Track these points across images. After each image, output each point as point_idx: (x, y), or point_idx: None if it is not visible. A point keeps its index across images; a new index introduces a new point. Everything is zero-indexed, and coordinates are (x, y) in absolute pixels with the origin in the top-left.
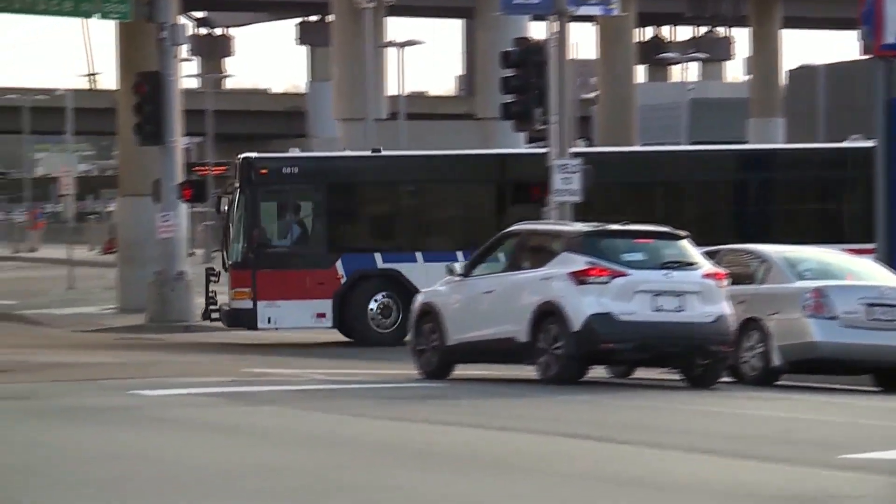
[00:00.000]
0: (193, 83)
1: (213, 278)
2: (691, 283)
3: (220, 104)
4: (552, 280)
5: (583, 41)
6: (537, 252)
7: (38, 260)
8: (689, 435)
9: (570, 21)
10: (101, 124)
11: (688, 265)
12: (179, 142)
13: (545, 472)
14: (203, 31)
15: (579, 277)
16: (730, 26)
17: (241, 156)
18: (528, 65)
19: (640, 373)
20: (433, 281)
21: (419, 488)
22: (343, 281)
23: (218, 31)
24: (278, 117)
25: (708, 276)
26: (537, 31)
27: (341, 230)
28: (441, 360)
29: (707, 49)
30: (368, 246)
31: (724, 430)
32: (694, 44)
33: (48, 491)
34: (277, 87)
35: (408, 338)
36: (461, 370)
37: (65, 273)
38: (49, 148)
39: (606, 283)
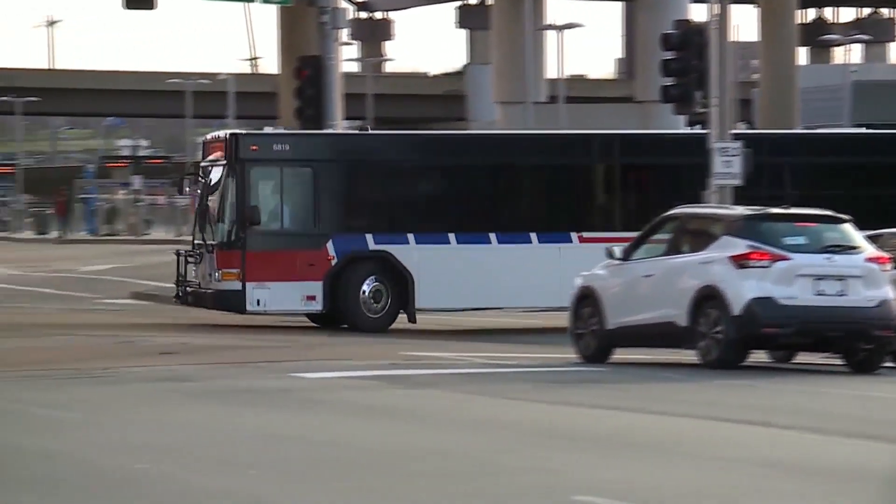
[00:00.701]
0: (353, 67)
1: (191, 259)
2: (854, 267)
3: (379, 88)
4: (712, 264)
5: (744, 23)
6: (697, 236)
7: None
8: (850, 420)
9: (732, 3)
10: (262, 108)
11: (850, 249)
12: (340, 125)
13: (705, 457)
14: (363, 14)
15: (740, 261)
16: (894, 7)
17: (230, 132)
18: (689, 47)
19: (802, 358)
20: (425, 264)
21: (578, 471)
22: (334, 262)
23: (378, 15)
24: (437, 101)
25: (871, 259)
26: (698, 13)
27: (332, 210)
28: (600, 343)
29: (870, 31)
30: (360, 226)
31: (887, 416)
32: (857, 25)
33: (210, 472)
34: (437, 71)
35: (568, 323)
36: (620, 354)
37: None
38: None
39: (767, 267)
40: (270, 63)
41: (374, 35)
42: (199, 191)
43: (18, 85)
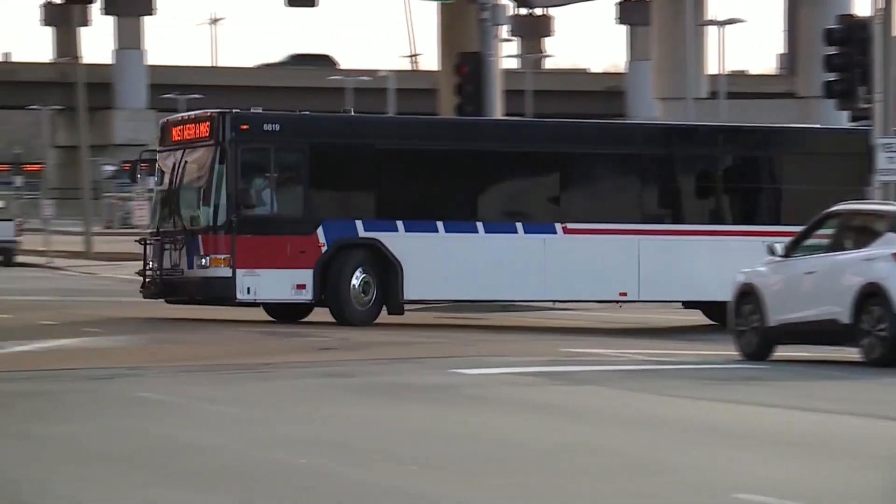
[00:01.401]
0: (513, 63)
1: (169, 246)
2: None
3: (539, 84)
4: (876, 261)
5: None
6: (860, 232)
7: None
8: None
9: None
10: (421, 105)
11: None
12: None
13: (869, 456)
14: (523, 11)
15: None
16: None
17: (216, 111)
18: (852, 42)
19: None
20: (414, 252)
21: (739, 469)
22: (324, 250)
23: (538, 12)
24: (597, 97)
25: None
26: (861, 7)
27: (322, 194)
28: (761, 341)
29: None
30: (350, 212)
31: None
32: None
33: (370, 467)
34: (597, 67)
35: (729, 321)
36: (781, 351)
37: None
38: None
39: None
40: (430, 60)
41: (534, 31)
42: (167, 175)
43: (182, 82)
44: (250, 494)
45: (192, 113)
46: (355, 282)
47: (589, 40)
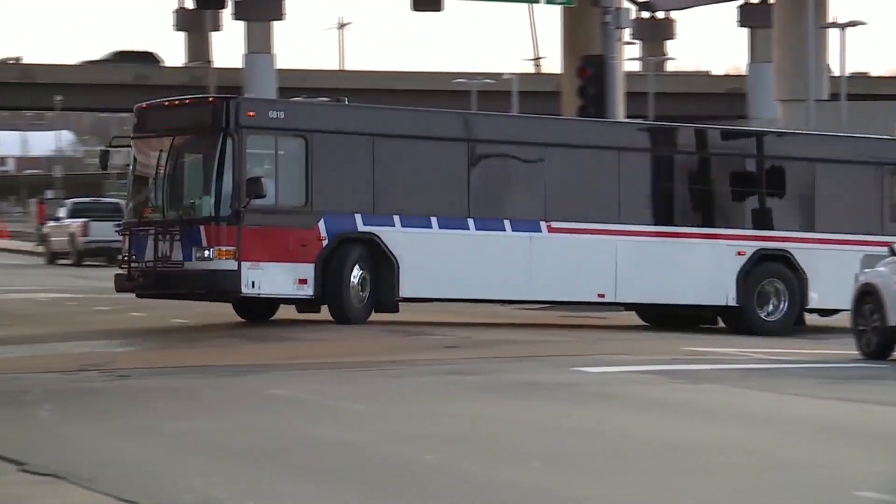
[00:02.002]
0: (635, 66)
1: (161, 237)
2: None
3: (661, 87)
4: None
5: None
6: None
7: None
8: None
9: None
10: (544, 107)
11: None
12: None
13: None
14: (645, 14)
15: None
16: None
17: (220, 96)
18: None
19: None
20: (410, 248)
21: (859, 467)
22: (325, 243)
23: (660, 15)
24: (719, 99)
25: None
26: None
27: (324, 185)
28: (881, 340)
29: None
30: (350, 205)
31: None
32: None
33: (493, 464)
34: (718, 70)
35: (850, 320)
36: None
37: None
38: None
39: None
40: (553, 63)
41: (655, 34)
42: (151, 162)
43: (310, 85)
44: (378, 489)
45: (181, 98)
46: (354, 278)
47: (710, 43)
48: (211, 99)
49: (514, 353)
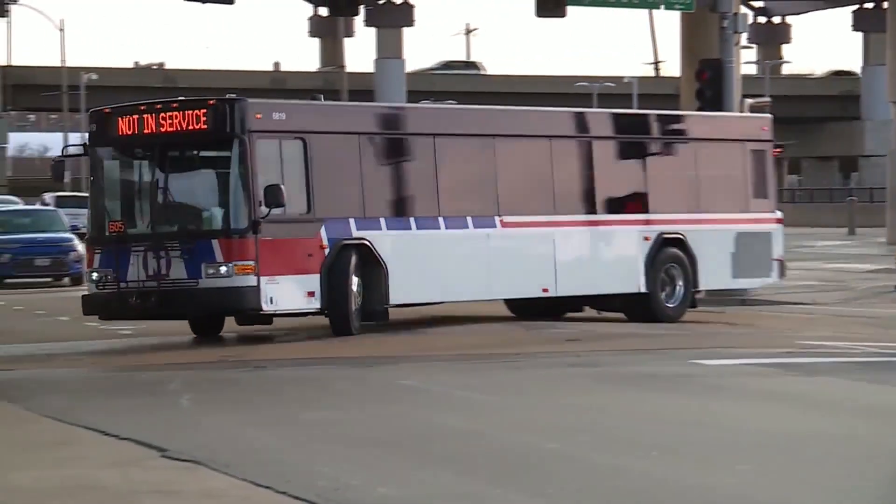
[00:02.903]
0: (752, 69)
1: (157, 254)
2: None
3: (777, 89)
4: None
5: None
6: None
7: None
8: None
9: None
10: (664, 109)
11: None
12: None
13: None
14: (762, 19)
15: None
16: None
17: (224, 97)
18: None
19: None
20: (397, 253)
21: None
22: (327, 252)
23: (776, 20)
24: (834, 101)
25: None
26: None
27: (323, 190)
28: None
29: None
30: (344, 210)
31: None
32: None
33: (613, 452)
34: (830, 71)
35: None
36: None
37: None
38: None
39: None
40: (672, 66)
41: (772, 38)
42: (130, 173)
43: (438, 89)
44: (504, 476)
45: (168, 100)
46: (354, 286)
47: (826, 47)
48: (212, 101)
49: (633, 345)
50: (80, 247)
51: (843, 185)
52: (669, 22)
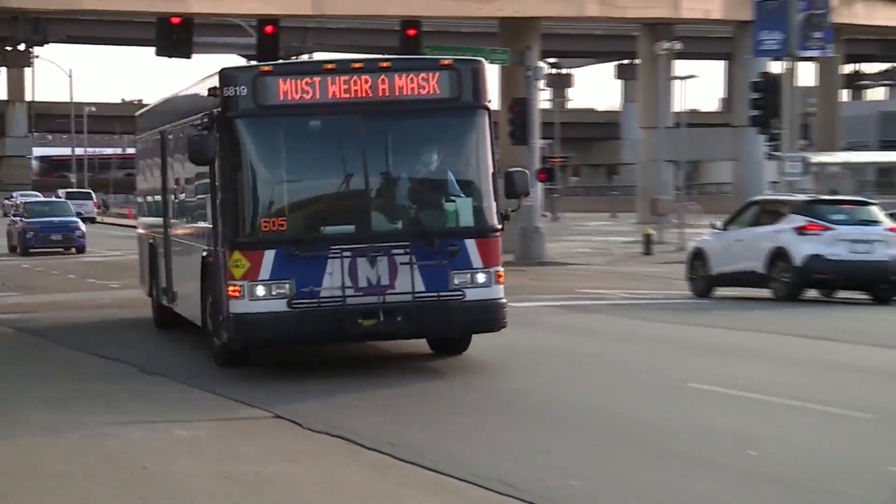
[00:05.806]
0: (547, 105)
1: (381, 259)
2: (877, 234)
3: (563, 118)
4: (782, 232)
5: (805, 73)
6: (771, 214)
7: None
8: (873, 335)
9: (798, 60)
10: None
11: (874, 223)
12: (537, 143)
13: (778, 359)
14: (554, 70)
15: (801, 231)
16: None
17: (458, 57)
18: (769, 90)
19: (842, 294)
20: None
21: (689, 367)
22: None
23: (564, 71)
24: (601, 126)
25: (890, 230)
26: (775, 67)
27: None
28: (706, 284)
29: (894, 78)
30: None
31: None
32: (884, 75)
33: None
34: (601, 106)
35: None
36: (720, 292)
37: None
38: None
39: (819, 234)
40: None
41: (560, 83)
42: (302, 149)
43: None
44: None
45: (375, 58)
46: None
47: (597, 89)
48: (448, 62)
49: None
50: (83, 226)
51: (608, 183)
52: (493, 71)
